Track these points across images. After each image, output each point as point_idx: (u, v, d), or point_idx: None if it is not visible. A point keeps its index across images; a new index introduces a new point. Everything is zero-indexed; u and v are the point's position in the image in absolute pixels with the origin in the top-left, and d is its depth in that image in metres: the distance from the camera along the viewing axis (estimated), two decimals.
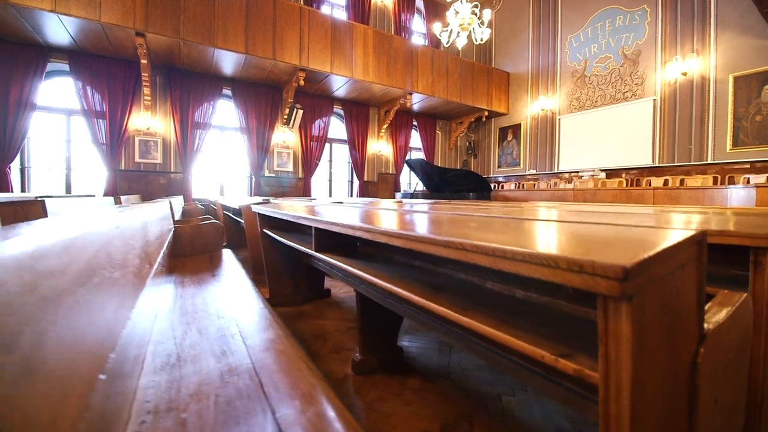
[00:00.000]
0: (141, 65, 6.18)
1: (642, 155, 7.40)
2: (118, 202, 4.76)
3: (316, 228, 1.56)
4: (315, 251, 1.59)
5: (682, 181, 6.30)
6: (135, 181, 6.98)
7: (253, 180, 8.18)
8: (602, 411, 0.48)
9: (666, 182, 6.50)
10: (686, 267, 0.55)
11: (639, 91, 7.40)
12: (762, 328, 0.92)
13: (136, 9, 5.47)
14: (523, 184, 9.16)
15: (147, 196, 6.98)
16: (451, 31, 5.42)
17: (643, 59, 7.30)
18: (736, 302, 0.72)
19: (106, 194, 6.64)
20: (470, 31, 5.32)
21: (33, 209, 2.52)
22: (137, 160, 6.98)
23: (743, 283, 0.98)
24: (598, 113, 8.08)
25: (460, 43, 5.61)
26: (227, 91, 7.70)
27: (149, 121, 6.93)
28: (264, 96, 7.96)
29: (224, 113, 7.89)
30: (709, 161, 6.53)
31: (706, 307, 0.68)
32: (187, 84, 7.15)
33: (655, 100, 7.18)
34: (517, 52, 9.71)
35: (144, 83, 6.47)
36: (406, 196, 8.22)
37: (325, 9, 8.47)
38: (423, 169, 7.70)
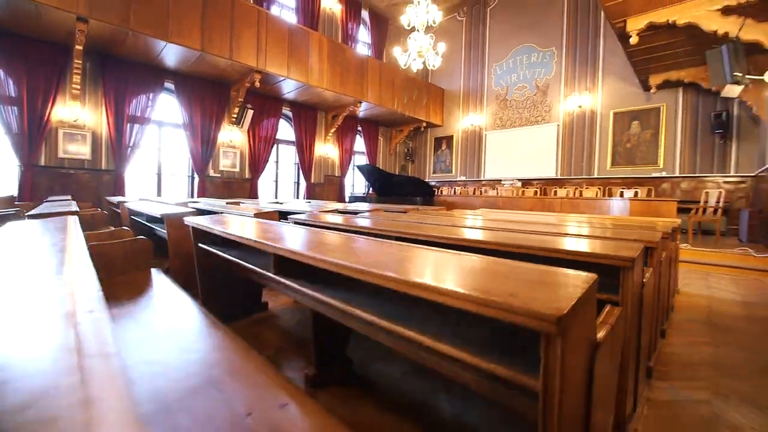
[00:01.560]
0: (75, 51, 5.53)
1: (548, 168, 9.10)
2: (27, 206, 3.65)
3: (276, 255, 1.48)
4: (275, 275, 1.53)
5: (580, 193, 8.02)
6: (58, 179, 6.15)
7: (196, 180, 7.78)
8: (541, 407, 0.67)
9: (568, 193, 8.17)
10: (588, 302, 0.74)
11: (547, 116, 9.08)
12: (630, 331, 1.23)
13: None
14: (456, 189, 10.37)
15: (75, 198, 6.21)
16: (409, 55, 6.09)
17: (551, 91, 8.98)
18: (615, 316, 0.96)
19: (20, 194, 5.75)
20: (424, 59, 6.06)
21: None
22: (61, 155, 6.17)
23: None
24: (516, 132, 9.63)
25: (416, 66, 6.32)
26: (169, 85, 7.20)
27: (78, 112, 6.18)
28: (210, 92, 7.64)
29: (165, 108, 7.36)
30: (596, 176, 8.41)
31: (597, 321, 0.89)
32: (123, 74, 6.53)
33: (558, 125, 8.91)
34: (451, 72, 10.90)
35: (75, 71, 5.78)
36: (357, 199, 8.69)
37: (274, 10, 8.42)
38: (373, 175, 8.27)
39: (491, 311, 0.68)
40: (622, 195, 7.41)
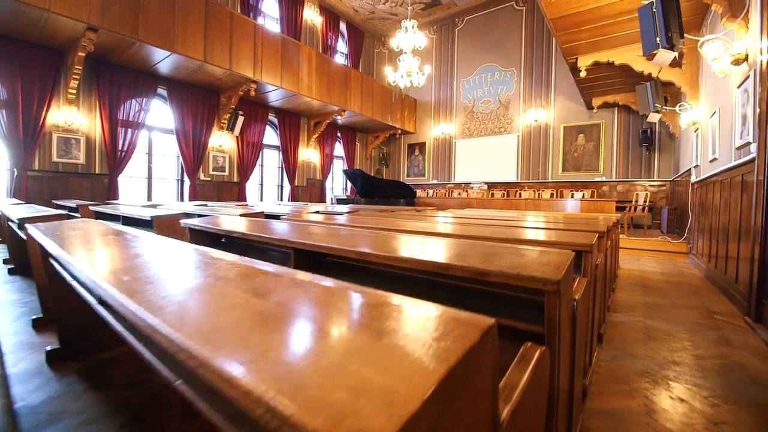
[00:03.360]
0: (76, 57, 5.65)
1: (510, 173, 10.36)
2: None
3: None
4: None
5: (539, 195, 9.31)
6: (52, 182, 6.15)
7: (186, 184, 7.97)
8: (546, 345, 0.79)
9: (530, 195, 9.44)
10: (570, 272, 0.87)
11: (509, 128, 10.34)
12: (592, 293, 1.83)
13: (91, 1, 5.14)
14: (429, 192, 11.35)
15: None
16: (402, 76, 6.93)
17: (511, 106, 10.25)
18: (583, 284, 1.15)
19: (16, 197, 5.71)
20: (410, 79, 6.92)
21: None
22: (55, 159, 6.17)
23: None
24: (482, 140, 10.81)
25: (403, 83, 7.15)
26: (161, 91, 7.37)
27: (72, 116, 6.22)
28: (202, 99, 7.88)
29: (156, 114, 7.50)
30: (549, 180, 9.76)
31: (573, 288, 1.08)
32: (117, 79, 6.64)
33: (518, 135, 10.19)
34: (424, 85, 11.84)
35: (74, 76, 5.87)
36: (342, 201, 9.31)
37: (259, 20, 8.81)
38: (358, 178, 8.96)
39: (513, 280, 0.82)
40: (572, 196, 8.77)
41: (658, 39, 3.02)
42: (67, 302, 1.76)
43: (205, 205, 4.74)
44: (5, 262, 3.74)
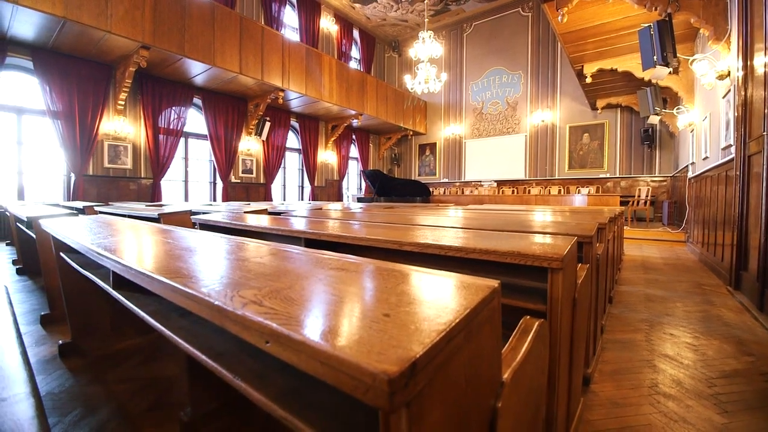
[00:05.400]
0: (127, 72, 6.24)
1: (519, 171, 10.90)
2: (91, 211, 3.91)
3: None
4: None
5: (549, 191, 9.87)
6: (104, 186, 6.76)
7: (218, 186, 8.57)
8: (548, 321, 0.89)
9: (539, 191, 9.99)
10: (572, 254, 0.96)
11: (517, 128, 10.88)
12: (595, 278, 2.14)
13: (145, 23, 5.73)
14: (441, 190, 11.91)
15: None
16: (420, 83, 7.52)
17: (519, 107, 10.79)
18: (585, 269, 1.24)
19: (75, 199, 6.33)
20: (428, 85, 7.51)
21: None
22: (106, 165, 6.78)
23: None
24: (491, 140, 11.36)
25: (420, 90, 7.73)
26: (196, 100, 7.97)
27: (121, 125, 6.83)
28: (232, 107, 8.48)
29: (191, 121, 8.10)
30: (556, 177, 10.30)
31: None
32: (158, 90, 7.24)
33: (526, 135, 10.73)
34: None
35: (124, 89, 6.47)
36: (361, 200, 9.89)
37: (281, 30, 9.40)
38: (377, 178, 9.53)
39: (521, 259, 0.91)
40: (579, 192, 9.32)
41: (655, 57, 3.57)
42: (79, 297, 1.87)
43: (245, 204, 5.29)
44: (14, 263, 3.98)
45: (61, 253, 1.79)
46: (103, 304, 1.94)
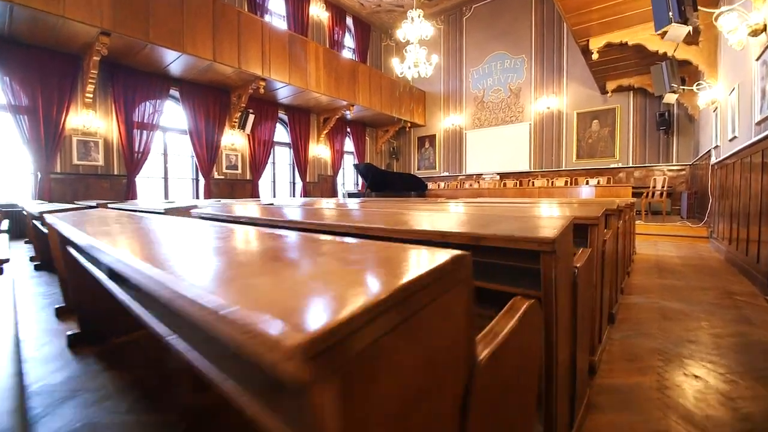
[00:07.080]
0: (92, 62, 5.82)
1: (523, 162, 10.19)
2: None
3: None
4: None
5: (553, 183, 9.15)
6: (73, 185, 6.38)
7: (201, 183, 8.15)
8: (544, 311, 0.80)
9: (543, 183, 9.29)
10: (567, 236, 0.89)
11: (520, 116, 10.16)
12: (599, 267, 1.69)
13: (102, 6, 5.28)
14: (441, 184, 11.28)
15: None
16: (409, 67, 6.89)
17: (522, 94, 10.06)
18: (586, 254, 1.11)
19: (41, 199, 5.96)
20: (418, 69, 6.88)
21: None
22: (75, 162, 6.40)
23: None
24: (493, 130, 10.66)
25: (410, 74, 7.10)
26: (173, 92, 7.53)
27: (90, 120, 6.43)
28: (213, 98, 8.02)
29: (169, 115, 7.67)
30: (563, 168, 9.57)
31: (575, 258, 1.02)
32: (131, 82, 6.82)
33: (530, 124, 10.00)
34: (432, 76, 11.74)
35: (90, 80, 6.05)
36: (353, 195, 9.35)
37: (266, 18, 8.88)
38: (369, 172, 8.98)
39: (508, 243, 0.82)
40: (587, 183, 8.58)
41: (670, 13, 2.92)
42: (86, 289, 1.86)
43: (219, 202, 4.88)
44: (32, 259, 4.01)
45: (67, 247, 1.78)
46: (108, 295, 1.76)
